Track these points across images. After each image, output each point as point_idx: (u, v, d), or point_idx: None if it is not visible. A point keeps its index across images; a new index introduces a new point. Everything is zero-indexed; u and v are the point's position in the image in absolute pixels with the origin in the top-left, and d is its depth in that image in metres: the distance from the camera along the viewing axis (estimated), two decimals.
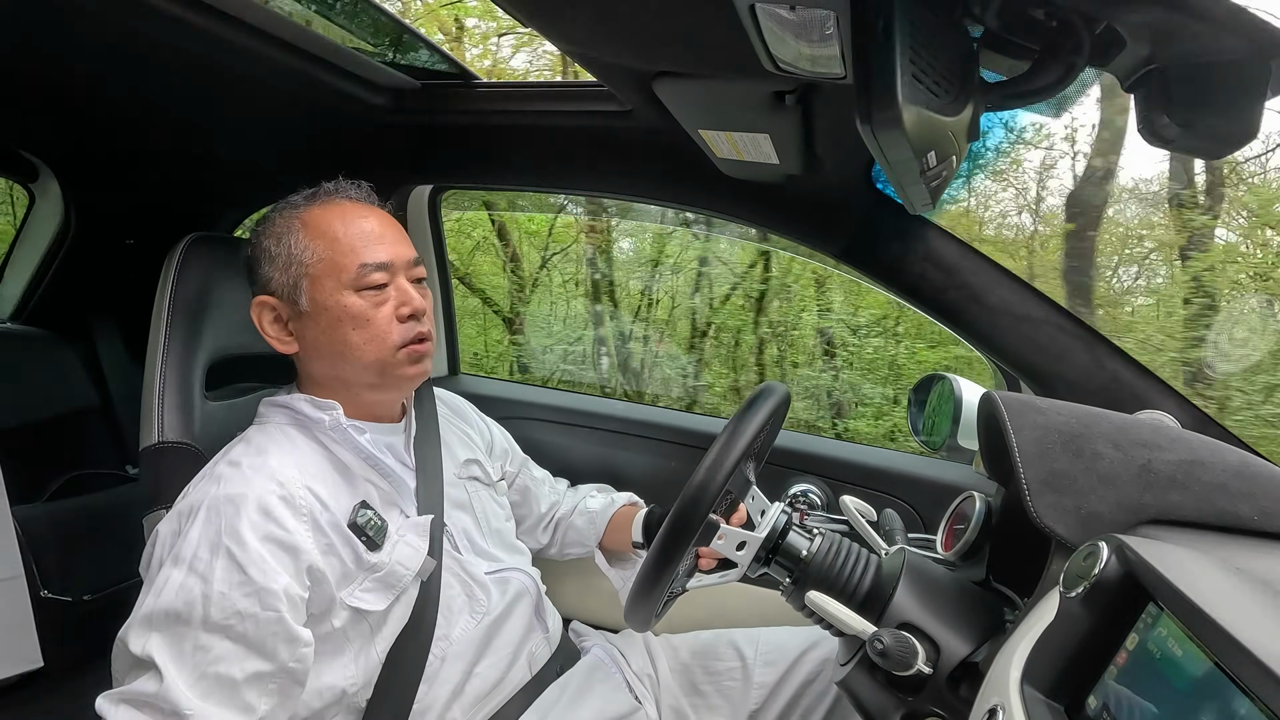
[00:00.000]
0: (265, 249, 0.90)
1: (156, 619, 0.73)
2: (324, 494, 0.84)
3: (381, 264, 0.89)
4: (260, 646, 0.74)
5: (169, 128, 1.28)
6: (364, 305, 0.88)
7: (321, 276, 0.88)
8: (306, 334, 0.90)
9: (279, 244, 0.89)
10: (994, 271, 1.08)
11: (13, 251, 1.69)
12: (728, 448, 0.76)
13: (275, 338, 0.91)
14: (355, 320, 0.88)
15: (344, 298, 0.88)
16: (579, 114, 1.18)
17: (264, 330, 0.91)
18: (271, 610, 0.74)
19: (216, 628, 0.73)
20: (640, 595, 0.78)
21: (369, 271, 0.88)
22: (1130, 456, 0.68)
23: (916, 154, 0.62)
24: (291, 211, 0.92)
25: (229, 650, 0.73)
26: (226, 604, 0.73)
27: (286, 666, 0.76)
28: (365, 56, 1.12)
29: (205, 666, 0.72)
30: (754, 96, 0.85)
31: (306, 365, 0.93)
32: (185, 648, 0.72)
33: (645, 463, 1.42)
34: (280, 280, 0.89)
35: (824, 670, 1.03)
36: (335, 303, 0.88)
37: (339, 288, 0.88)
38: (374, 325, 0.88)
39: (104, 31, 0.90)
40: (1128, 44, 0.58)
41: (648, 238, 5.48)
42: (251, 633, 0.74)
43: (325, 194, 0.94)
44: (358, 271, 0.88)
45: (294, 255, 0.89)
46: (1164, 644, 0.48)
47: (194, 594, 0.73)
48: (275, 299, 0.90)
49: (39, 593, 1.41)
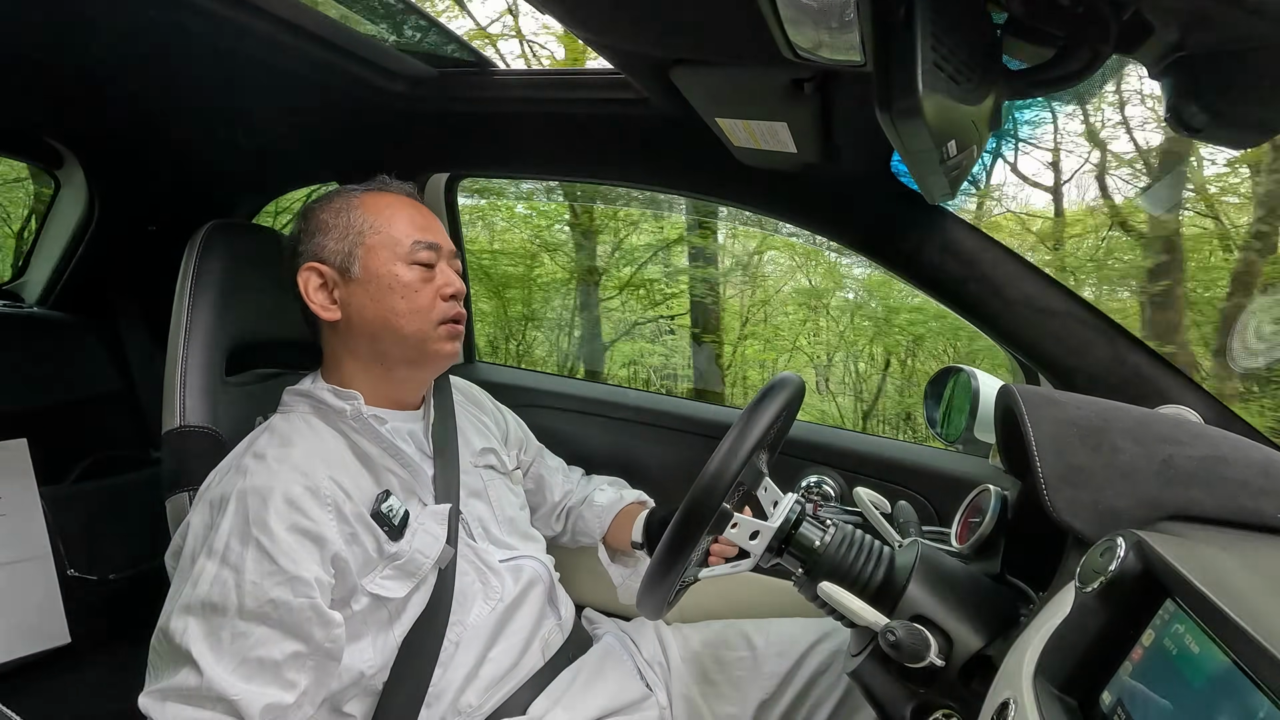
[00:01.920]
0: (321, 221, 0.94)
1: (194, 610, 0.75)
2: (347, 484, 0.86)
3: (432, 244, 0.95)
4: (296, 630, 0.77)
5: (190, 116, 1.29)
6: (414, 277, 0.93)
7: (377, 247, 0.93)
8: (353, 301, 0.92)
9: (337, 217, 0.94)
10: (1014, 263, 1.06)
11: (39, 238, 1.72)
12: (742, 438, 0.76)
13: (320, 304, 0.93)
14: (405, 289, 0.92)
15: (397, 267, 0.92)
16: (596, 102, 1.18)
17: (309, 296, 0.93)
18: (304, 597, 0.77)
19: (252, 615, 0.75)
20: (652, 583, 0.79)
21: (421, 248, 0.94)
22: (1151, 452, 0.67)
23: (936, 143, 0.62)
24: (350, 195, 0.97)
25: (266, 635, 0.76)
26: (260, 593, 0.75)
27: (322, 647, 0.79)
28: (383, 44, 1.12)
29: (245, 652, 0.74)
30: (772, 84, 0.84)
31: (344, 337, 0.94)
32: (223, 636, 0.75)
33: (660, 452, 1.42)
34: (335, 248, 0.93)
35: (835, 661, 1.03)
36: (388, 271, 0.92)
37: (393, 258, 0.93)
38: (420, 298, 0.93)
39: (127, 21, 0.91)
40: (1156, 30, 0.56)
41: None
42: (286, 619, 0.76)
43: (381, 184, 1.00)
44: (412, 246, 0.94)
45: (352, 225, 0.93)
46: (1181, 641, 0.48)
47: (228, 585, 0.75)
48: (325, 265, 0.93)
49: (66, 571, 1.45)
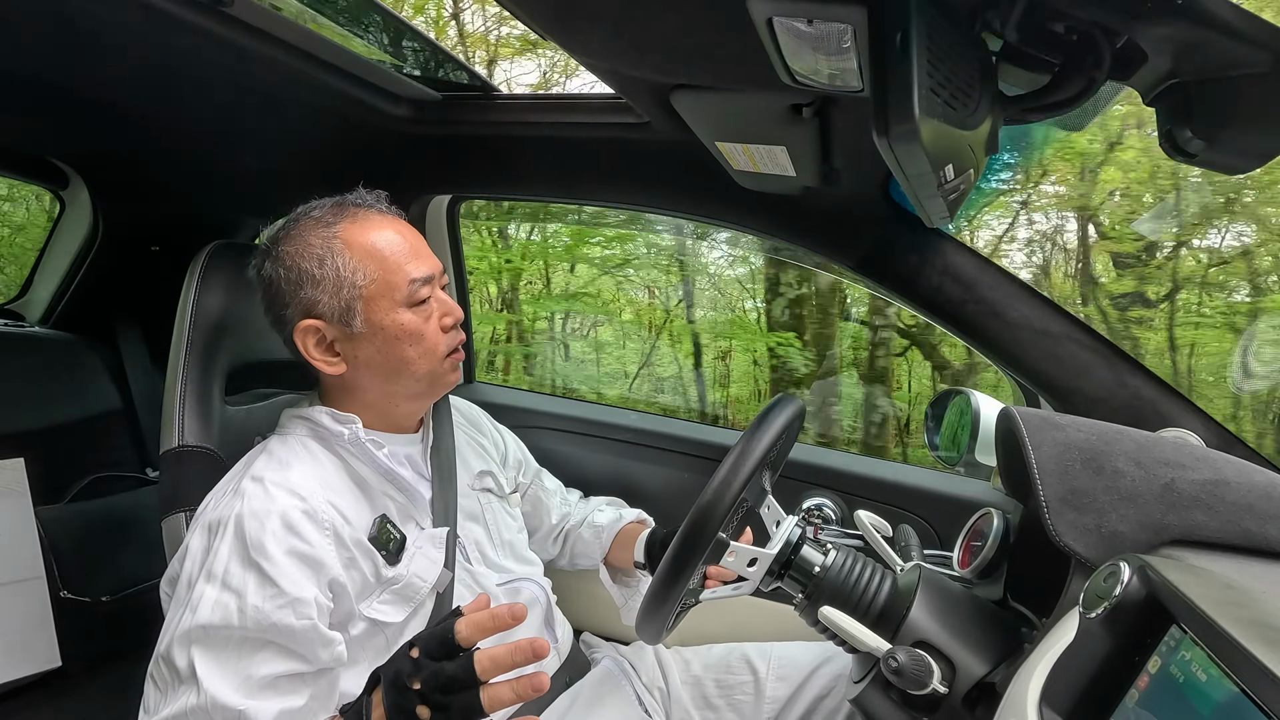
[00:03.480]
0: (306, 272, 0.87)
1: (195, 635, 0.74)
2: (345, 508, 0.85)
3: (426, 278, 0.90)
4: (299, 651, 0.76)
5: (194, 138, 1.31)
6: (418, 320, 0.89)
7: (376, 297, 0.87)
8: (359, 354, 0.89)
9: (322, 267, 0.87)
10: (1013, 286, 1.07)
11: (42, 257, 1.73)
12: (740, 462, 0.75)
13: (321, 360, 0.89)
14: (412, 336, 0.89)
15: (399, 315, 0.88)
16: (597, 125, 1.19)
17: (309, 355, 0.89)
18: (306, 619, 0.76)
19: (255, 639, 0.74)
20: (651, 607, 0.78)
21: (418, 287, 0.89)
22: (1153, 475, 0.67)
23: (934, 167, 0.62)
24: (325, 230, 0.89)
25: (270, 656, 0.75)
26: (262, 617, 0.74)
27: (325, 665, 0.78)
28: (387, 68, 1.13)
29: (249, 671, 0.74)
30: (771, 109, 0.85)
31: (351, 381, 0.92)
32: (226, 657, 0.74)
33: (659, 474, 1.42)
34: (330, 304, 0.87)
35: (837, 686, 1.01)
36: (391, 321, 0.88)
37: (393, 306, 0.88)
38: (427, 339, 0.90)
39: (133, 44, 0.93)
40: (1149, 58, 0.57)
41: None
42: (289, 642, 0.75)
43: (351, 207, 0.92)
44: (409, 288, 0.88)
45: (344, 277, 0.87)
46: (1188, 668, 0.47)
47: (230, 609, 0.74)
48: (322, 322, 0.88)
49: (59, 593, 1.43)
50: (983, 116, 0.61)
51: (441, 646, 0.65)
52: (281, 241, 0.90)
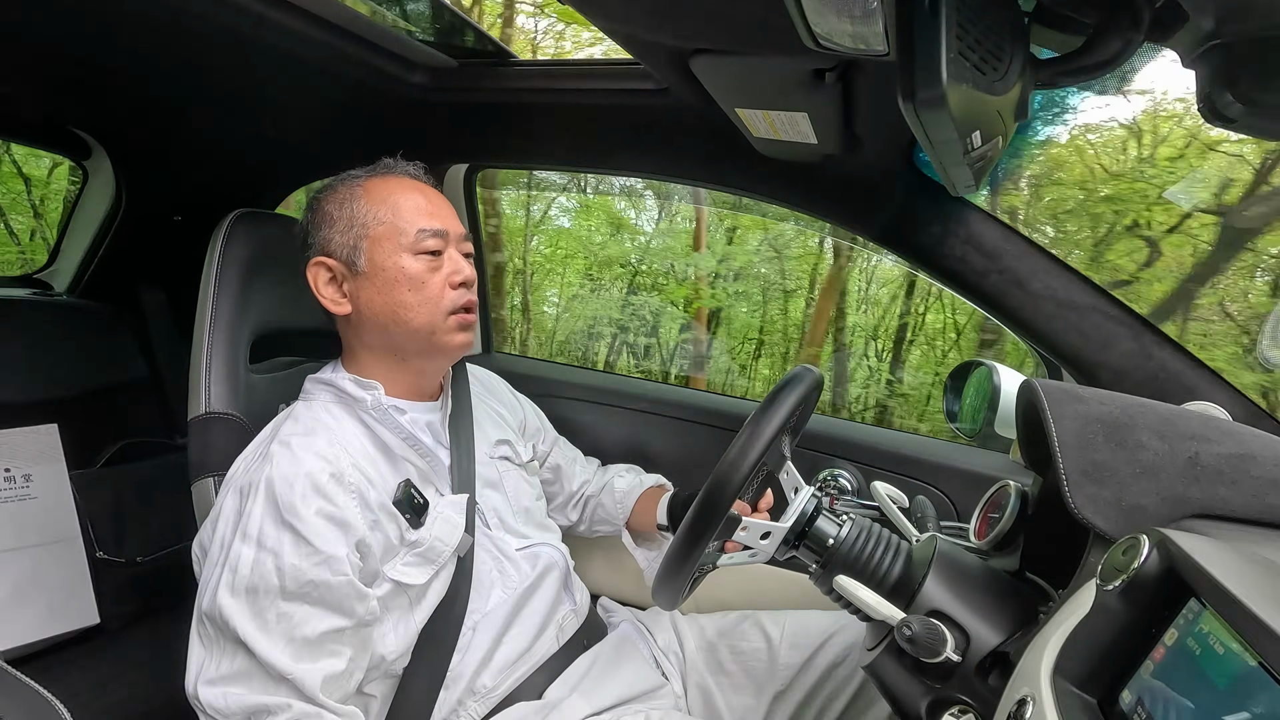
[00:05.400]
0: (326, 213, 0.93)
1: (238, 592, 0.76)
2: (370, 471, 0.87)
3: (438, 231, 0.92)
4: (338, 606, 0.79)
5: (215, 107, 1.31)
6: (420, 268, 0.91)
7: (382, 238, 0.91)
8: (361, 295, 0.92)
9: (341, 208, 0.92)
10: (1039, 256, 1.04)
11: (68, 227, 1.76)
12: (757, 431, 0.76)
13: (330, 299, 0.93)
14: (411, 281, 0.91)
15: (402, 259, 0.91)
16: (615, 92, 1.17)
17: (318, 291, 0.93)
18: (342, 575, 0.79)
19: (294, 595, 0.77)
20: (667, 574, 0.79)
21: (426, 236, 0.91)
22: (1176, 449, 0.66)
23: (960, 134, 0.61)
24: (353, 181, 0.95)
25: (309, 613, 0.77)
26: (299, 574, 0.77)
27: (363, 620, 0.81)
28: (404, 35, 1.12)
29: (291, 631, 0.76)
30: (793, 74, 0.83)
31: (357, 329, 0.95)
32: (269, 618, 0.76)
33: (676, 443, 1.43)
34: (340, 241, 0.91)
35: (850, 654, 1.03)
36: (393, 264, 0.90)
37: (398, 249, 0.91)
38: (428, 288, 0.91)
39: (154, 13, 0.92)
40: (1190, 18, 0.55)
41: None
42: (327, 596, 0.78)
43: (385, 168, 0.97)
44: (416, 235, 0.91)
45: (356, 218, 0.91)
46: (1205, 641, 0.47)
47: (268, 567, 0.76)
48: (333, 260, 0.92)
49: (95, 554, 1.48)
50: (1013, 81, 0.59)
51: None
52: (319, 193, 0.96)
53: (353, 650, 0.81)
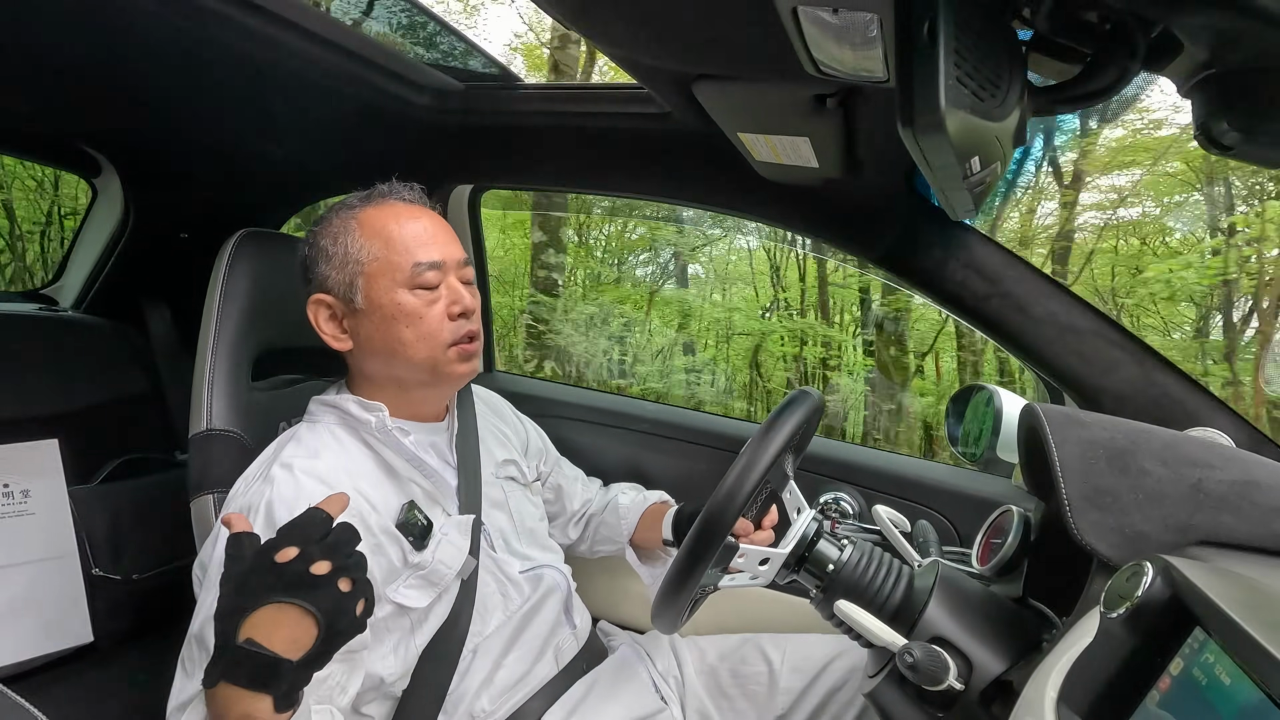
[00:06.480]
0: (322, 248, 0.92)
1: None
2: (373, 495, 0.86)
3: (434, 263, 0.91)
4: None
5: (223, 127, 1.32)
6: (417, 303, 0.90)
7: (377, 275, 0.90)
8: (361, 331, 0.91)
9: (335, 243, 0.91)
10: (1039, 281, 1.05)
11: (75, 243, 1.77)
12: (758, 453, 0.75)
13: (331, 335, 0.92)
14: (409, 318, 0.90)
15: (398, 295, 0.89)
16: (619, 116, 1.19)
17: (320, 328, 0.92)
18: None
19: None
20: (667, 597, 0.78)
21: (422, 270, 0.90)
22: (1180, 475, 0.65)
23: (960, 159, 0.61)
24: (347, 212, 0.93)
25: None
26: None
27: (351, 647, 0.78)
28: (410, 58, 1.14)
29: None
30: (794, 100, 0.84)
31: (360, 362, 0.95)
32: None
33: (676, 465, 1.42)
34: (337, 278, 0.90)
35: (851, 679, 1.01)
36: (390, 300, 0.89)
37: (394, 286, 0.89)
38: (426, 323, 0.90)
39: (164, 33, 0.94)
40: (1185, 48, 0.56)
41: None
42: None
43: (379, 195, 0.95)
44: (412, 270, 0.89)
45: (350, 254, 0.90)
46: (1211, 671, 0.46)
47: None
48: (331, 297, 0.91)
49: (91, 570, 1.47)
50: (1011, 108, 0.60)
51: (310, 524, 0.67)
52: (316, 225, 0.95)
53: (338, 672, 0.78)
